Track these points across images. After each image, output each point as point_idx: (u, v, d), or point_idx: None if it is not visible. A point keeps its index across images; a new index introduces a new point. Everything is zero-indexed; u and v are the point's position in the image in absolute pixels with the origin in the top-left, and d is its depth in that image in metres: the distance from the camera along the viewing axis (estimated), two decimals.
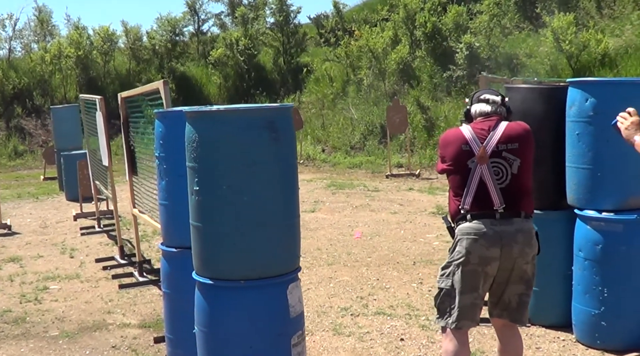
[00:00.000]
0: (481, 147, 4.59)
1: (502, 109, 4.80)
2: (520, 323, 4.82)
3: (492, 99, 4.80)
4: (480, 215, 4.59)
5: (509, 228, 4.56)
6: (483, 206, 4.59)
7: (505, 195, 4.57)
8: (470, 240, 4.58)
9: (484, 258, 4.56)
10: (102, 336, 7.06)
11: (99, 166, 10.81)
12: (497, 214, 4.57)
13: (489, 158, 4.58)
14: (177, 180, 5.10)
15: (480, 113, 4.79)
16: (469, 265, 4.59)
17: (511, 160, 4.59)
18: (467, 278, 4.61)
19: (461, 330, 4.70)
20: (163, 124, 5.51)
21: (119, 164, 13.73)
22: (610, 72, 17.72)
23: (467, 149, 4.63)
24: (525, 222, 4.63)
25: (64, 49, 27.85)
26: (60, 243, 11.37)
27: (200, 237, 4.22)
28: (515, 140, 4.62)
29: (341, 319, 7.20)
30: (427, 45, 22.55)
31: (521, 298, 4.73)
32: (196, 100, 25.51)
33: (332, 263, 9.41)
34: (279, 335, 4.24)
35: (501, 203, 4.56)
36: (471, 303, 4.64)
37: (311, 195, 14.97)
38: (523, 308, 4.76)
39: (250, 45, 27.74)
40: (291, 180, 4.30)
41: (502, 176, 4.59)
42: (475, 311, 4.69)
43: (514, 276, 4.65)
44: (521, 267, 4.63)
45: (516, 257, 4.58)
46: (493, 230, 4.55)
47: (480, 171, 4.58)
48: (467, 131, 4.69)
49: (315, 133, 22.99)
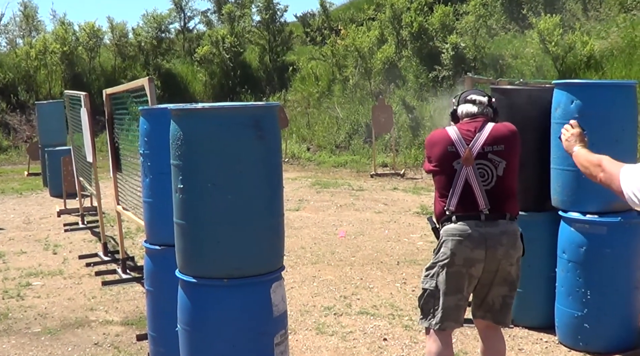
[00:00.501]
0: (467, 148, 4.58)
1: (488, 110, 4.79)
2: (504, 324, 4.83)
3: (478, 100, 4.79)
4: (465, 217, 4.58)
5: (493, 230, 4.55)
6: (468, 208, 4.58)
7: (491, 196, 4.57)
8: (455, 241, 4.57)
9: (469, 260, 4.56)
10: (84, 333, 7.03)
11: (83, 162, 10.77)
12: (482, 216, 4.56)
13: (475, 160, 4.57)
14: (161, 177, 5.08)
15: (467, 114, 4.78)
16: (454, 267, 4.59)
17: (497, 161, 4.58)
18: (452, 279, 4.61)
19: (445, 331, 4.70)
20: (148, 121, 5.49)
21: (103, 161, 13.67)
22: (595, 74, 17.79)
23: (452, 150, 4.62)
24: (510, 224, 4.63)
25: (49, 44, 27.77)
26: (43, 239, 11.31)
27: (183, 234, 4.21)
28: (501, 142, 4.60)
29: (324, 318, 7.19)
30: (413, 45, 22.56)
31: (505, 300, 4.73)
32: (182, 97, 25.49)
33: (316, 262, 9.41)
34: (261, 334, 4.23)
35: (486, 205, 4.55)
36: (455, 304, 4.64)
37: (296, 194, 14.96)
38: (506, 309, 4.76)
39: (236, 43, 27.72)
40: (276, 178, 4.29)
41: (488, 178, 4.58)
42: (459, 313, 4.69)
43: (498, 278, 4.65)
44: (505, 269, 4.62)
45: (501, 258, 4.57)
46: (478, 232, 4.54)
47: (465, 172, 4.57)
48: (453, 132, 4.68)
49: (301, 131, 22.99)
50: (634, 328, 6.06)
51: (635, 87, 6.25)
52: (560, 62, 18.74)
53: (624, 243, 5.93)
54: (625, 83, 7.22)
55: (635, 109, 6.19)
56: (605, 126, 5.70)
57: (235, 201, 4.04)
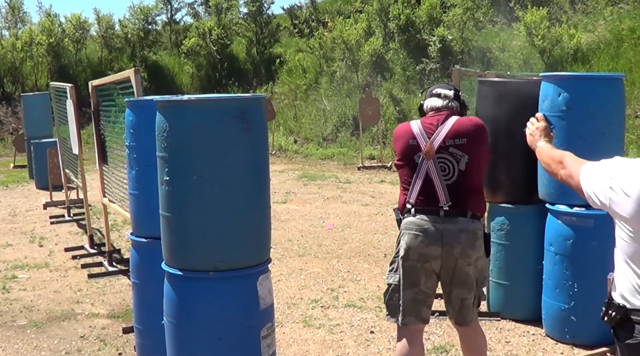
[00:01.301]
0: (428, 142, 4.53)
1: (454, 104, 4.73)
2: (465, 324, 4.72)
3: (444, 93, 4.75)
4: (424, 211, 4.54)
5: (451, 227, 4.48)
6: (428, 202, 4.53)
7: (452, 192, 4.50)
8: (411, 235, 4.53)
9: (423, 255, 4.51)
10: (70, 326, 7.01)
11: (69, 154, 10.72)
12: (441, 211, 4.50)
13: (436, 154, 4.50)
14: (147, 169, 5.06)
15: (432, 107, 4.73)
16: (409, 261, 4.55)
17: (458, 156, 4.50)
18: (407, 273, 4.57)
19: (411, 328, 4.64)
20: (134, 113, 5.47)
21: (89, 153, 13.59)
22: (582, 67, 17.83)
23: (414, 144, 4.58)
24: (471, 223, 4.54)
25: (35, 36, 27.64)
26: (29, 232, 11.27)
27: (169, 227, 4.19)
28: (464, 136, 4.53)
29: (311, 311, 7.19)
30: (401, 38, 22.56)
31: (463, 303, 4.63)
32: (168, 89, 25.42)
33: (302, 255, 9.40)
34: (248, 326, 4.21)
35: (447, 200, 4.49)
36: (412, 298, 4.58)
37: (283, 186, 14.94)
38: (466, 311, 4.66)
39: (223, 35, 27.63)
40: (262, 171, 4.27)
41: (449, 172, 4.51)
42: (418, 308, 4.61)
43: (456, 278, 4.55)
44: (463, 269, 4.53)
45: (457, 257, 4.49)
46: (435, 228, 4.48)
47: (426, 166, 4.52)
48: (415, 126, 4.65)
49: (288, 124, 22.96)
50: None
51: (622, 80, 6.26)
52: (547, 55, 18.77)
53: (611, 235, 5.90)
54: (612, 76, 7.24)
55: (623, 102, 6.19)
56: (592, 119, 5.71)
57: (222, 193, 4.02)
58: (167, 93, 10.03)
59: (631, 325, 2.88)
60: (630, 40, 18.08)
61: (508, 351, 6.05)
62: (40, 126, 16.49)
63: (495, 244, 6.69)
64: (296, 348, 6.26)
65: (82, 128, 13.81)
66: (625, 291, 2.93)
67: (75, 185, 11.57)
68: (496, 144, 6.59)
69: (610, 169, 3.03)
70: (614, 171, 2.99)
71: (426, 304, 4.67)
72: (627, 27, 18.65)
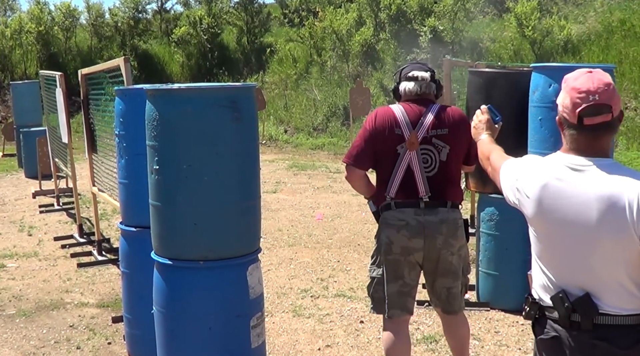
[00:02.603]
0: (412, 132, 4.45)
1: (431, 86, 4.62)
2: (453, 313, 4.72)
3: (420, 76, 4.60)
4: (404, 204, 4.49)
5: (432, 219, 4.45)
6: (408, 194, 4.48)
7: (432, 183, 4.46)
8: (393, 229, 4.50)
9: (406, 249, 4.49)
10: (59, 315, 6.99)
11: (58, 143, 10.68)
12: (421, 203, 4.46)
13: (419, 145, 4.44)
14: (136, 158, 5.06)
15: (409, 92, 4.60)
16: (392, 255, 4.53)
17: (440, 146, 4.46)
18: (391, 266, 4.55)
19: (396, 320, 4.63)
20: (123, 102, 5.45)
21: (79, 142, 13.59)
22: (572, 58, 17.86)
23: (399, 133, 4.48)
24: (451, 212, 4.51)
25: (24, 24, 27.57)
26: (18, 221, 11.23)
27: (159, 216, 4.17)
28: (446, 126, 4.46)
29: (301, 301, 7.19)
30: (392, 28, 22.54)
31: (450, 291, 4.62)
32: (158, 78, 25.37)
33: (292, 245, 9.40)
34: (238, 316, 4.21)
35: (427, 192, 4.45)
36: (397, 291, 4.57)
37: (273, 176, 14.93)
38: (453, 299, 4.65)
39: (213, 24, 27.57)
40: (252, 160, 4.26)
41: (431, 164, 4.47)
42: (403, 300, 4.60)
43: (440, 268, 4.54)
44: (447, 259, 4.51)
45: (440, 248, 4.47)
46: (416, 220, 4.45)
47: (408, 157, 4.46)
48: (399, 113, 4.53)
49: (278, 114, 22.92)
50: None
51: (612, 71, 6.26)
52: (538, 46, 18.79)
53: None
54: (603, 67, 7.20)
55: None
56: None
57: (212, 182, 4.01)
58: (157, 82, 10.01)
59: (544, 320, 2.91)
60: (621, 32, 18.12)
61: (497, 341, 6.06)
62: (30, 115, 16.42)
63: (485, 234, 6.71)
64: (286, 338, 6.26)
65: (72, 117, 13.78)
66: (538, 289, 2.97)
67: (65, 174, 11.54)
68: None
69: (516, 169, 3.06)
70: (519, 172, 3.03)
71: (411, 296, 4.66)
72: (618, 18, 18.69)
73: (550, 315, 2.88)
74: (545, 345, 2.92)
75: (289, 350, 6.02)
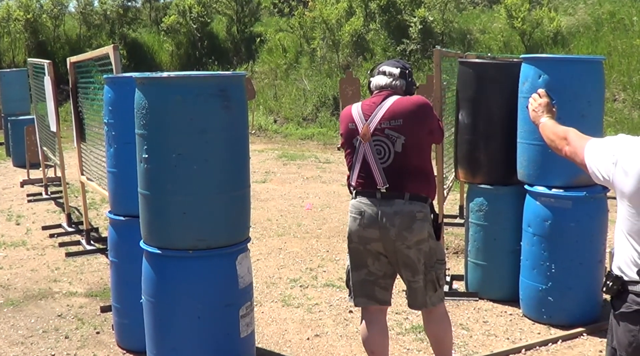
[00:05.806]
0: (364, 124, 4.47)
1: (399, 82, 4.62)
2: (415, 307, 4.70)
3: (389, 71, 4.63)
4: (363, 193, 4.51)
5: (387, 210, 4.43)
6: (367, 185, 4.49)
7: (389, 174, 4.43)
8: (351, 218, 4.56)
9: (363, 238, 4.51)
10: (47, 304, 6.97)
11: (47, 132, 10.64)
12: (378, 193, 4.45)
13: (372, 136, 4.44)
14: (125, 147, 5.03)
15: (376, 86, 4.65)
16: (352, 243, 4.58)
17: (394, 137, 4.41)
18: (353, 255, 4.61)
19: (370, 308, 4.66)
20: (112, 90, 5.43)
21: (67, 130, 13.53)
22: (562, 50, 17.89)
23: (352, 127, 4.52)
24: (408, 205, 4.44)
25: (12, 12, 27.37)
26: (6, 210, 11.19)
27: (148, 205, 4.17)
28: (399, 116, 4.42)
29: (290, 290, 7.19)
30: (382, 18, 22.50)
31: (410, 285, 4.57)
32: (148, 67, 25.24)
33: (282, 234, 9.40)
34: (227, 305, 4.22)
35: (384, 182, 4.42)
36: (362, 279, 4.60)
37: (262, 166, 14.92)
38: (414, 294, 4.59)
39: (203, 12, 27.45)
40: (242, 149, 4.26)
41: (385, 155, 4.44)
42: (368, 288, 4.61)
43: (399, 260, 4.51)
44: (403, 252, 4.46)
45: (394, 239, 4.43)
46: (372, 210, 4.45)
47: (363, 149, 4.47)
48: (355, 109, 4.58)
49: (268, 103, 22.88)
50: (598, 302, 6.11)
51: (602, 63, 6.29)
52: (528, 38, 18.81)
53: (589, 217, 5.97)
54: (592, 58, 7.25)
55: (602, 85, 6.22)
56: (572, 101, 5.70)
57: (201, 171, 4.01)
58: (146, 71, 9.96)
59: (627, 295, 2.98)
60: (610, 24, 18.16)
61: (485, 331, 6.08)
62: (18, 103, 16.32)
63: (474, 225, 6.72)
64: (275, 327, 6.26)
65: (60, 106, 13.72)
66: (622, 264, 3.02)
67: (53, 163, 11.50)
68: (476, 125, 6.63)
69: (613, 146, 3.09)
70: (616, 148, 3.06)
71: (378, 285, 4.63)
72: (607, 11, 18.72)
73: (634, 289, 2.95)
74: (627, 318, 2.99)
75: (278, 340, 6.02)
